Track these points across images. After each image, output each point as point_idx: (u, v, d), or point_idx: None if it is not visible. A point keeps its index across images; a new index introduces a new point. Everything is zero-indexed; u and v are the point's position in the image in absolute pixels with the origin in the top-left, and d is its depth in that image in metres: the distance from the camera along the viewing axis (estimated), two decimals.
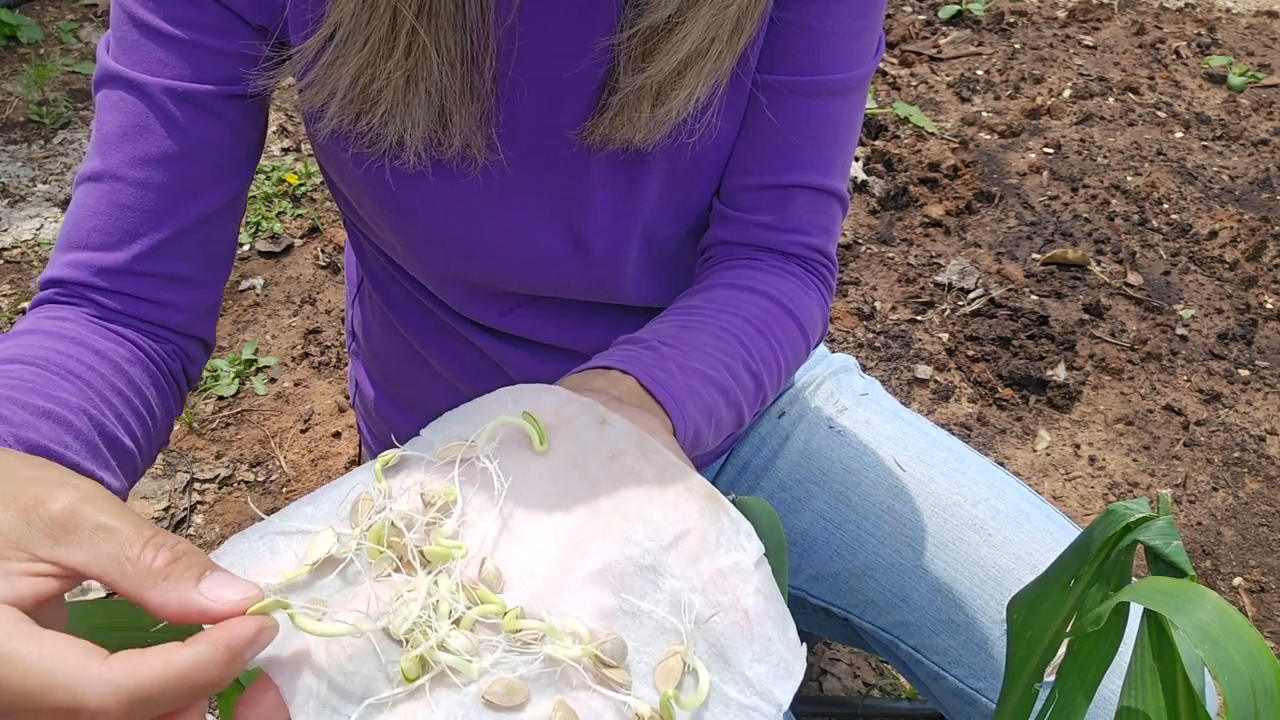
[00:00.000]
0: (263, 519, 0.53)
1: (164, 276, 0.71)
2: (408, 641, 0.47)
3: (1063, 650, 0.58)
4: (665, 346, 0.69)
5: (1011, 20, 3.09)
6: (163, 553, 0.42)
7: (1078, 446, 1.84)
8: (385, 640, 0.47)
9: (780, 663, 0.52)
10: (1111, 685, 0.80)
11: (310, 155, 2.42)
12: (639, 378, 0.65)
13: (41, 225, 2.21)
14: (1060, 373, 1.95)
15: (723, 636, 0.51)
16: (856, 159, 2.46)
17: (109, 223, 0.70)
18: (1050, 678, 0.60)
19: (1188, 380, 1.97)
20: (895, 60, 2.90)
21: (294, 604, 0.46)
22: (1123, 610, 0.55)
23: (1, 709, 0.38)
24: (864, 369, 1.10)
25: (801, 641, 0.53)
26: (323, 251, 2.18)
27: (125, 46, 0.69)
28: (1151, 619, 0.53)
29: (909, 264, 2.21)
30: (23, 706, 0.38)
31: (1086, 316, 2.08)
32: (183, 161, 0.70)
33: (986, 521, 0.91)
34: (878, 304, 2.12)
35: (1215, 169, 2.49)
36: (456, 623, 0.48)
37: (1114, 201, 2.38)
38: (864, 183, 2.38)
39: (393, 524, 0.51)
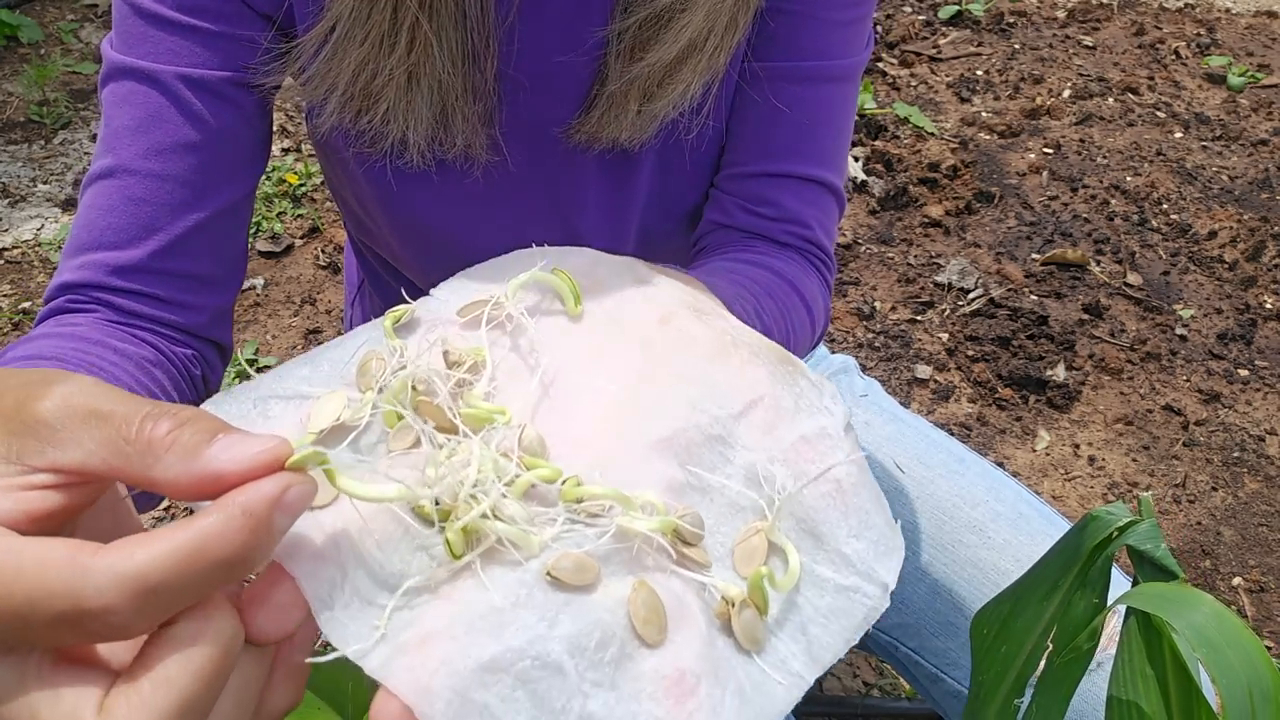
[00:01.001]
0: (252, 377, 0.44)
1: (182, 275, 0.69)
2: (448, 515, 0.39)
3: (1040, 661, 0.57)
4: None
5: (1011, 20, 3.09)
6: (164, 420, 0.34)
7: (1077, 446, 1.84)
8: (415, 521, 0.39)
9: (881, 538, 0.45)
10: (1095, 691, 0.80)
11: (310, 155, 2.42)
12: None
13: (42, 225, 2.21)
14: (1060, 373, 1.95)
15: (813, 510, 0.45)
16: (856, 159, 2.46)
17: (124, 219, 0.68)
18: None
19: (1187, 380, 1.97)
20: (895, 60, 2.90)
21: (332, 459, 0.36)
22: (1098, 627, 0.54)
23: None
24: (864, 369, 1.10)
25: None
26: (323, 251, 2.18)
27: (133, 39, 0.68)
28: (1141, 621, 0.52)
29: (909, 264, 2.21)
30: (17, 630, 0.31)
31: (1086, 316, 2.08)
32: (200, 151, 0.68)
33: (986, 524, 0.91)
34: (877, 304, 2.12)
35: (1215, 169, 2.49)
36: (507, 492, 0.40)
37: (1113, 202, 2.38)
38: (864, 183, 2.38)
39: (413, 387, 0.43)
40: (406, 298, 0.49)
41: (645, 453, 0.44)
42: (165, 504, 1.69)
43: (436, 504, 0.39)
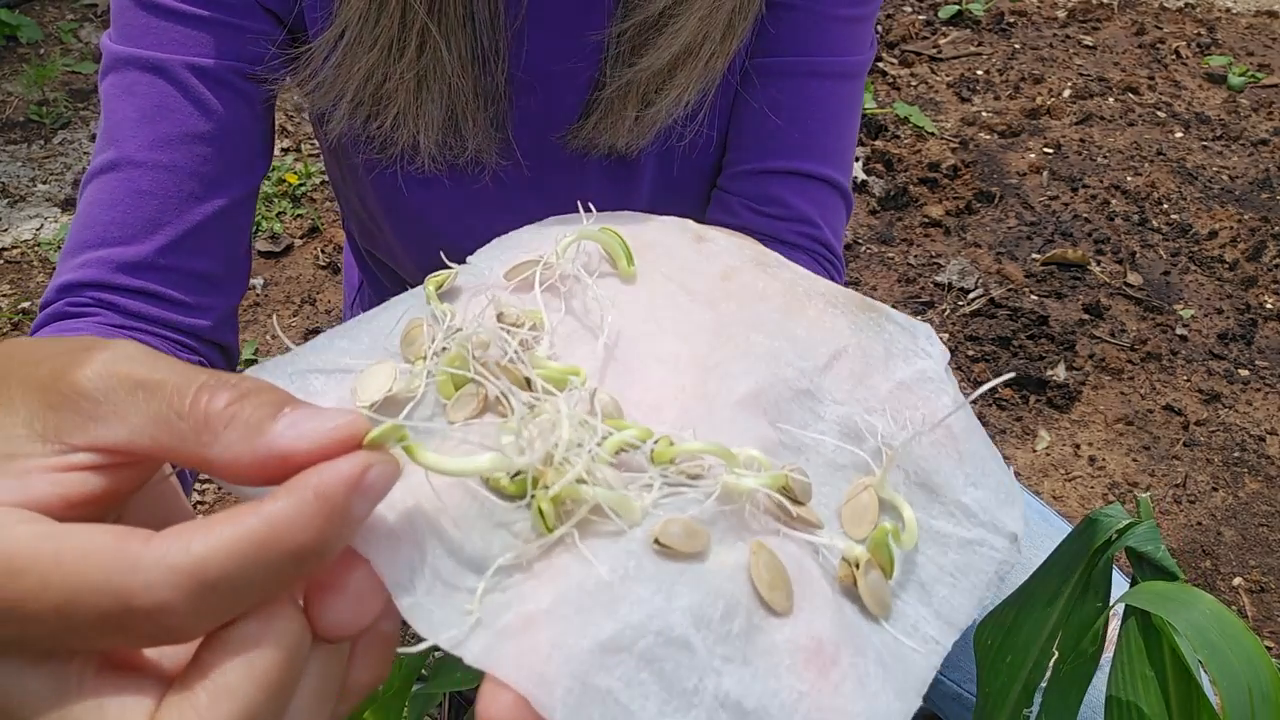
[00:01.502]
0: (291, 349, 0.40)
1: (188, 274, 0.67)
2: (535, 484, 0.34)
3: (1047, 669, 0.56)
4: None
5: (1011, 20, 3.09)
6: (222, 392, 0.30)
7: (1078, 446, 1.84)
8: (491, 498, 0.35)
9: (1000, 485, 0.41)
10: (1093, 692, 0.80)
11: (310, 156, 2.42)
12: None
13: (41, 225, 2.21)
14: (1060, 373, 1.95)
15: (923, 460, 0.40)
16: (856, 159, 2.46)
17: (128, 213, 0.65)
18: None
19: (1188, 380, 1.97)
20: (895, 60, 2.90)
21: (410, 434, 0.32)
22: (1100, 629, 0.54)
23: (32, 641, 0.27)
24: None
25: None
26: (322, 251, 2.18)
27: (136, 31, 0.66)
28: (1140, 622, 0.52)
29: (909, 264, 2.21)
30: (55, 631, 0.27)
31: (1086, 316, 2.08)
32: (208, 142, 0.66)
33: None
34: None
35: (1215, 169, 2.49)
36: (594, 457, 0.35)
37: (1114, 201, 2.38)
38: (864, 183, 2.38)
39: (474, 355, 0.38)
40: (448, 262, 0.45)
41: (732, 412, 0.39)
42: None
43: (515, 475, 0.34)
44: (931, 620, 0.38)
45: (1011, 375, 0.41)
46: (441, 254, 0.48)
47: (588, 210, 0.47)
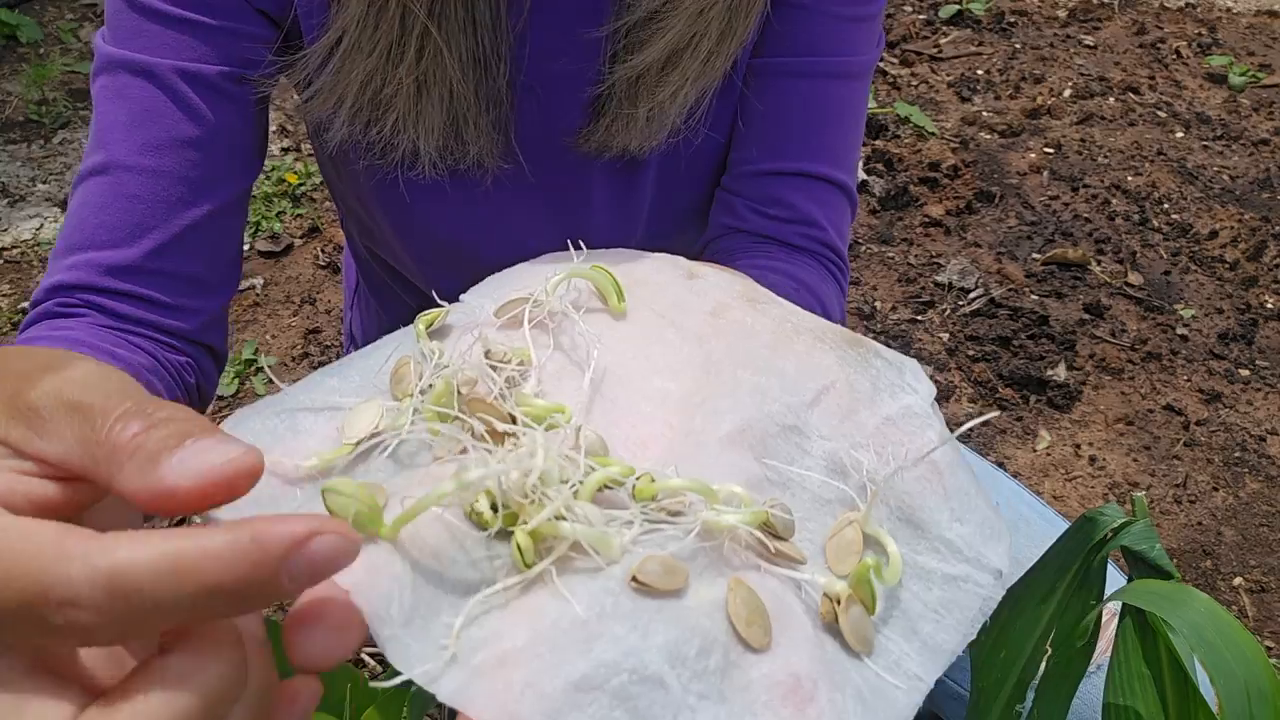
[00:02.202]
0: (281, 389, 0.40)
1: (177, 277, 0.67)
2: (513, 521, 0.34)
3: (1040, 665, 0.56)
4: None
5: (1012, 20, 3.08)
6: (135, 421, 0.30)
7: (1078, 446, 1.84)
8: (474, 533, 0.34)
9: (985, 520, 0.41)
10: (1093, 694, 0.80)
11: (310, 155, 2.41)
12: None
13: (41, 225, 2.21)
14: (1060, 373, 1.95)
15: (908, 496, 0.41)
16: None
17: (118, 216, 0.65)
18: None
19: (1188, 380, 1.97)
20: (895, 60, 2.90)
21: (344, 482, 0.32)
22: (1096, 619, 0.54)
23: None
24: None
25: None
26: (322, 251, 2.18)
27: (128, 33, 0.66)
28: (1135, 621, 0.52)
29: (909, 264, 2.20)
30: None
31: (1087, 316, 2.08)
32: (197, 147, 0.66)
33: None
34: (878, 304, 2.11)
35: (1216, 169, 2.49)
36: (575, 493, 0.35)
37: (1114, 201, 2.37)
38: (864, 182, 2.38)
39: (461, 391, 0.38)
40: (439, 301, 0.46)
41: (718, 448, 0.39)
42: None
43: (496, 510, 0.34)
44: (915, 656, 0.38)
45: (994, 414, 0.41)
46: (433, 293, 0.49)
47: (578, 249, 0.47)
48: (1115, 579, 0.84)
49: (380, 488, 0.35)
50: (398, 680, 0.31)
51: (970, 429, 1.85)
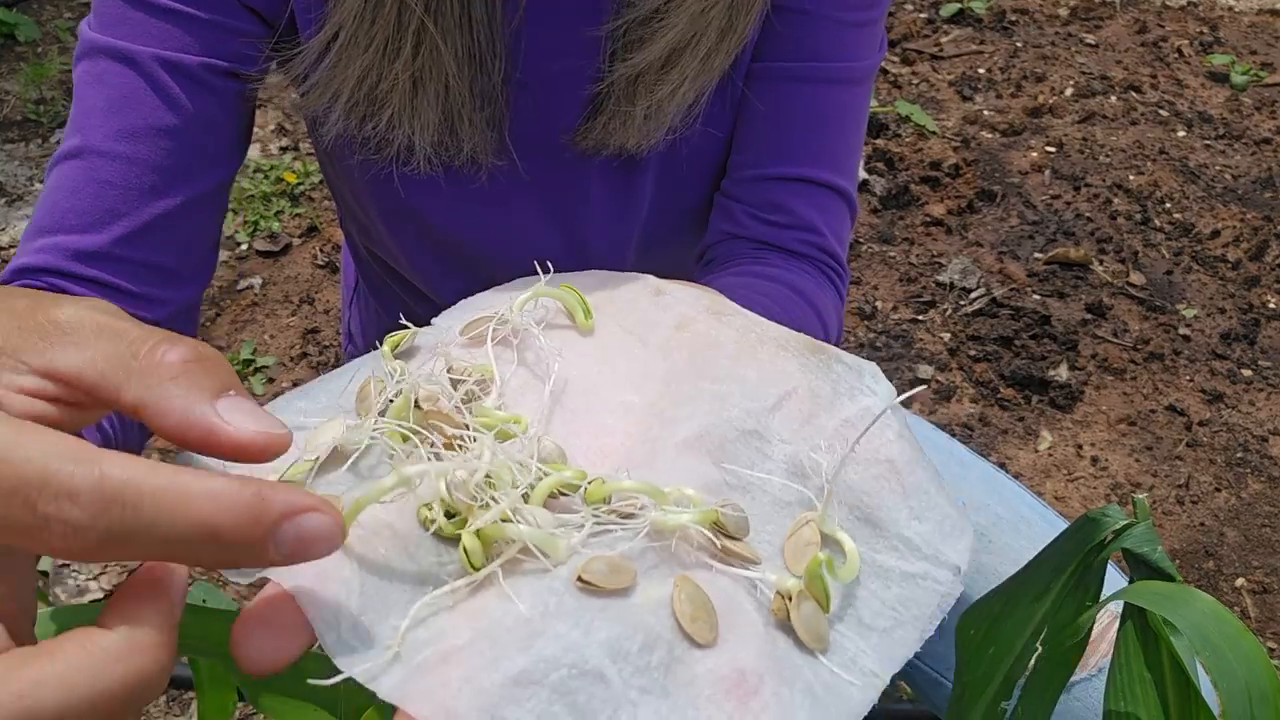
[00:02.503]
0: None
1: (144, 266, 0.67)
2: (464, 525, 0.35)
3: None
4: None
5: (1013, 18, 3.08)
6: (181, 348, 0.31)
7: (1080, 447, 1.83)
8: (427, 538, 0.36)
9: (945, 518, 0.41)
10: (1091, 696, 0.79)
11: (309, 155, 2.41)
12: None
13: None
14: (1062, 373, 1.94)
15: (866, 495, 0.41)
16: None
17: (88, 201, 0.65)
18: None
19: (1190, 380, 1.96)
20: (896, 58, 2.89)
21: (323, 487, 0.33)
22: (1088, 621, 0.53)
23: None
24: None
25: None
26: (321, 251, 2.17)
27: (111, 20, 0.66)
28: (1137, 624, 0.51)
29: (910, 263, 2.20)
30: None
31: (1089, 316, 2.07)
32: (173, 137, 0.66)
33: (987, 528, 0.90)
34: (879, 303, 2.11)
35: (1218, 168, 2.48)
36: (526, 498, 0.36)
37: (1116, 200, 2.37)
38: (865, 182, 2.37)
39: (417, 405, 0.39)
40: (406, 323, 0.47)
41: (675, 454, 0.40)
42: None
43: (450, 516, 0.36)
44: (871, 653, 0.38)
45: (920, 389, 0.40)
46: (401, 315, 0.49)
47: (545, 270, 0.48)
48: (1117, 581, 0.83)
49: (338, 498, 0.35)
50: (338, 678, 0.32)
51: (972, 429, 1.84)
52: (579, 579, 0.35)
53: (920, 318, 2.08)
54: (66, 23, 2.79)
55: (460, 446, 0.38)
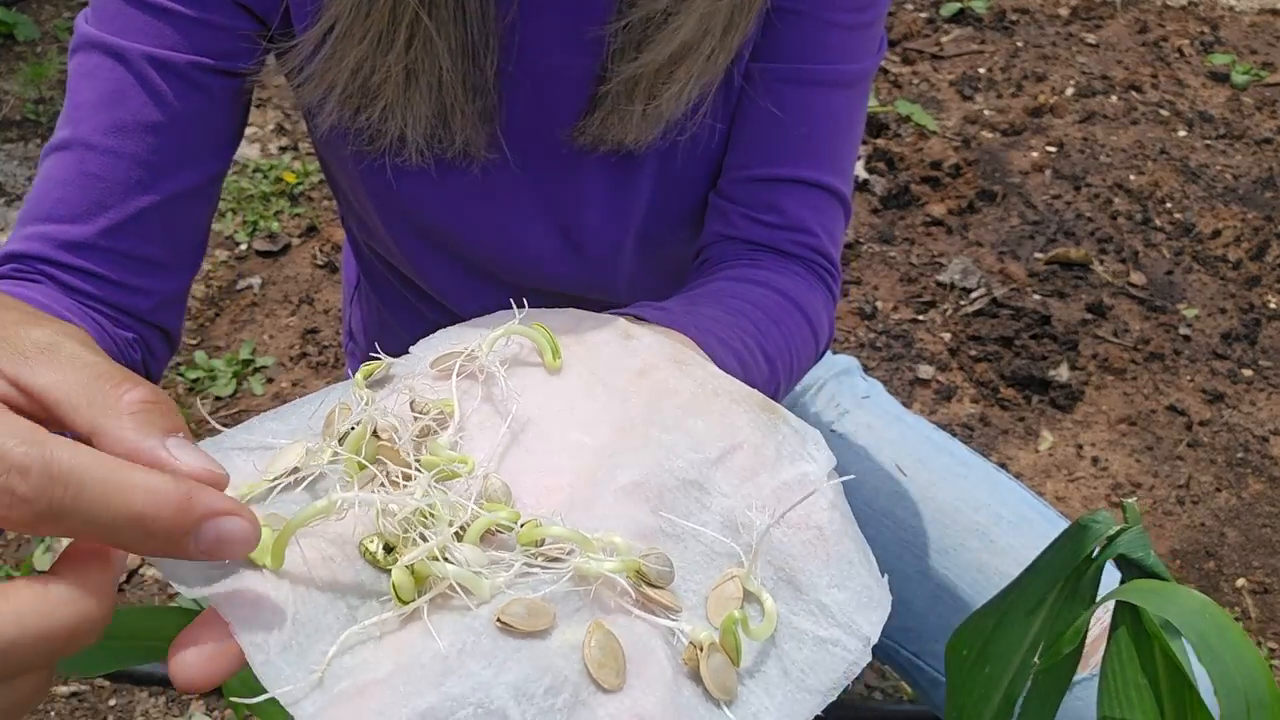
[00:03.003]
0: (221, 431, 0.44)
1: (130, 257, 0.69)
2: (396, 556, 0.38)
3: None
4: (678, 310, 0.64)
5: (1014, 18, 3.07)
6: (142, 390, 0.35)
7: (1080, 447, 1.83)
8: (367, 570, 0.38)
9: (864, 589, 0.43)
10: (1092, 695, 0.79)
11: (308, 154, 2.41)
12: (656, 323, 0.58)
13: None
14: (1063, 373, 1.94)
15: (792, 558, 0.43)
16: (858, 157, 2.45)
17: (76, 193, 0.67)
18: None
19: (1191, 380, 1.96)
20: (897, 58, 2.89)
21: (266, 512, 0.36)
22: (1081, 628, 0.52)
23: None
24: (865, 369, 1.09)
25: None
26: (320, 251, 2.17)
27: (105, 15, 0.67)
28: (1130, 628, 0.51)
29: (911, 263, 2.20)
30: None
31: (1089, 316, 2.07)
32: (160, 132, 0.68)
33: (989, 527, 0.90)
34: (879, 303, 2.11)
35: (1218, 168, 2.48)
36: (460, 536, 0.38)
37: (1117, 200, 2.36)
38: (865, 181, 2.37)
39: (376, 435, 0.42)
40: (380, 355, 0.49)
41: (614, 498, 0.42)
42: None
43: (388, 550, 0.38)
44: (774, 711, 0.39)
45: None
46: (376, 345, 0.51)
47: (520, 306, 0.50)
48: (1112, 580, 0.83)
49: (284, 519, 0.37)
50: (261, 698, 0.33)
51: (972, 429, 1.84)
52: (498, 619, 0.36)
53: (921, 318, 2.07)
54: (65, 22, 2.79)
55: (398, 484, 0.40)
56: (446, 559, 0.37)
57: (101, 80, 0.67)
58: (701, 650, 0.38)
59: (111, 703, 1.45)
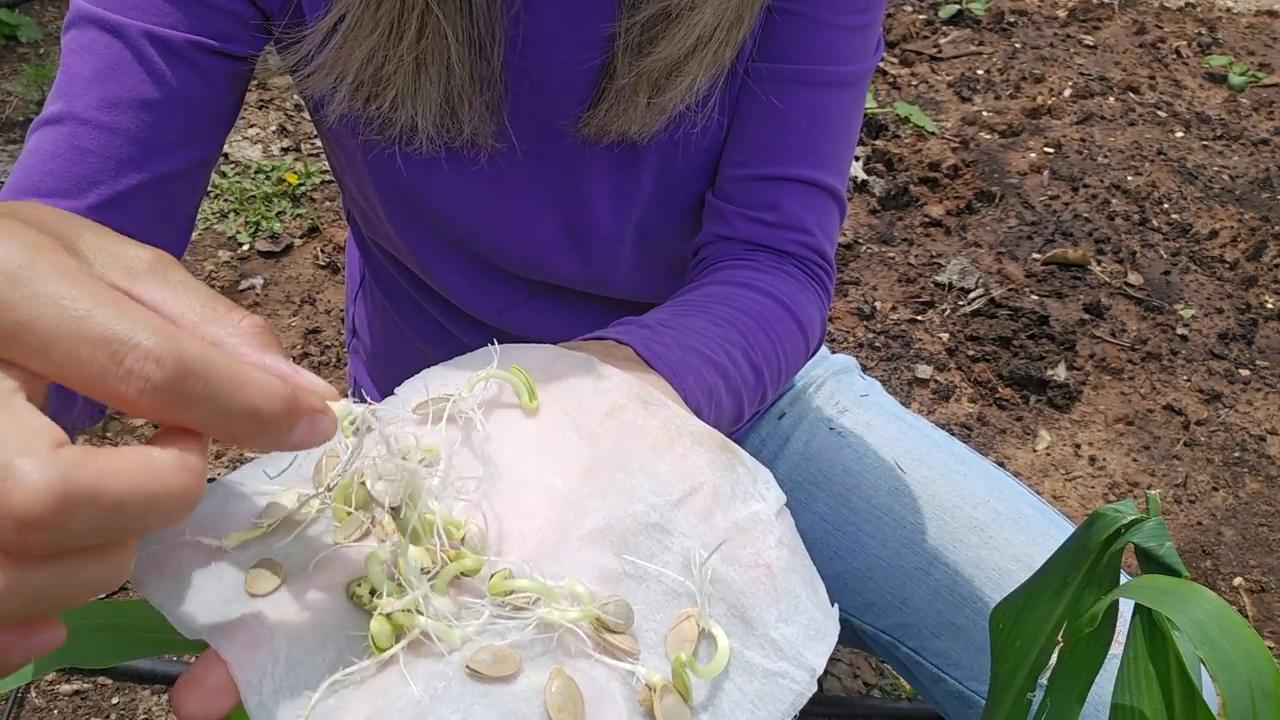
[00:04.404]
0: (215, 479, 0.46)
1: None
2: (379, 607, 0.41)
3: (1052, 658, 0.57)
4: (662, 326, 0.65)
5: (1012, 20, 3.08)
6: (254, 316, 0.38)
7: (1078, 446, 1.84)
8: (355, 613, 0.41)
9: (810, 622, 0.46)
10: (1104, 689, 0.80)
11: (310, 155, 2.41)
12: (636, 348, 0.60)
13: None
14: (1060, 373, 1.95)
15: (742, 595, 0.45)
16: (856, 158, 2.46)
17: (67, 166, 0.66)
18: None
19: (1188, 380, 1.97)
20: (895, 59, 2.90)
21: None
22: (1112, 613, 0.54)
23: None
24: (864, 369, 1.10)
25: (832, 603, 0.47)
26: (322, 251, 2.18)
27: None
28: (1145, 620, 0.52)
29: (909, 264, 2.20)
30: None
31: (1087, 316, 2.08)
32: (154, 110, 0.67)
33: (987, 524, 0.91)
34: (878, 304, 2.11)
35: (1216, 169, 2.49)
36: (433, 584, 0.41)
37: (1114, 201, 2.37)
38: (864, 182, 2.38)
39: (363, 484, 0.44)
40: (366, 398, 0.51)
41: (579, 544, 0.44)
42: None
43: (374, 594, 0.41)
44: None
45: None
46: (361, 390, 0.53)
47: (493, 344, 0.53)
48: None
49: (279, 564, 0.41)
50: None
51: (970, 429, 1.85)
52: (467, 666, 0.39)
53: (919, 318, 2.08)
54: None
55: (385, 535, 0.43)
56: (422, 610, 0.40)
57: (98, 55, 0.66)
58: (655, 691, 0.41)
59: (114, 700, 1.46)
